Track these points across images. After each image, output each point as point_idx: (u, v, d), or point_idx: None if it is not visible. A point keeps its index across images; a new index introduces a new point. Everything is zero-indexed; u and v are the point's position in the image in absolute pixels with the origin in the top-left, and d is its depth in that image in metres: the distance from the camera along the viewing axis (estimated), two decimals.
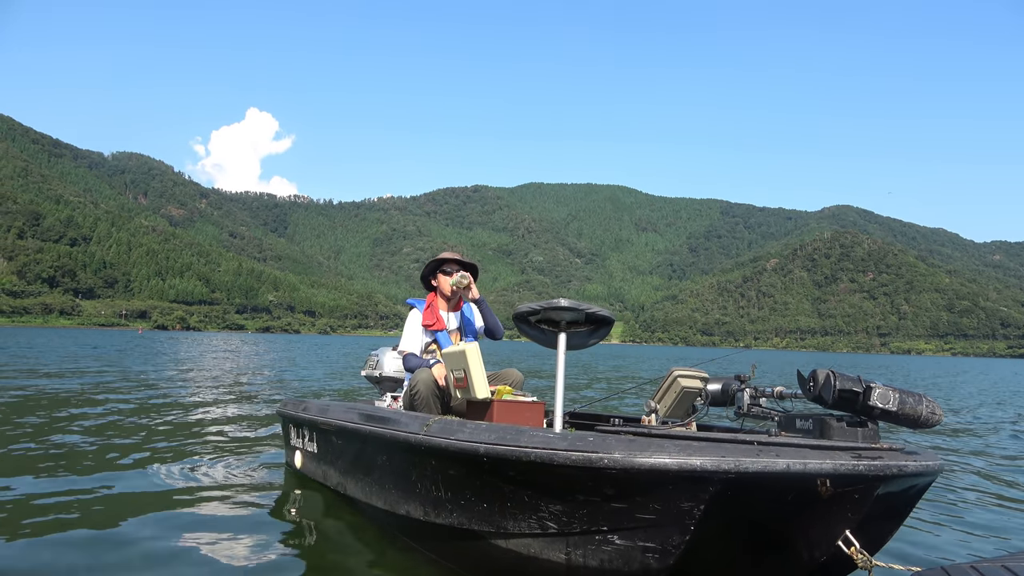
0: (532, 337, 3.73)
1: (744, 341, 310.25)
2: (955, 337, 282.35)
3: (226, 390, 12.81)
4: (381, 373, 5.37)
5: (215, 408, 9.82)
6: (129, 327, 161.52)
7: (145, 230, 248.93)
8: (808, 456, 2.45)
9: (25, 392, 10.98)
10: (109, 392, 11.49)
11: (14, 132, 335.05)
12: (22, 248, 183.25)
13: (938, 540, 4.28)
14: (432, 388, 4.27)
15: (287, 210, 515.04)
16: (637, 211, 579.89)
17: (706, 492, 2.47)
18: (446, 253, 5.00)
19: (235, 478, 5.25)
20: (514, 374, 4.54)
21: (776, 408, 3.41)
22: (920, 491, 2.79)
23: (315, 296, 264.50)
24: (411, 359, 4.69)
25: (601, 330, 3.67)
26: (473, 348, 3.84)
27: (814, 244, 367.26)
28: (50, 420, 7.85)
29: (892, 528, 2.86)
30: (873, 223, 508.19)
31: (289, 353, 36.27)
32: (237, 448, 6.48)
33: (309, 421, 4.84)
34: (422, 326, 4.79)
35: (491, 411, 3.75)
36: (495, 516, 3.00)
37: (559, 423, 3.35)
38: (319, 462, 4.86)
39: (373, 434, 3.75)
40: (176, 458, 5.87)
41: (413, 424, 3.44)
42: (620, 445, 2.56)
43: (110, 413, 8.73)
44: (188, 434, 7.24)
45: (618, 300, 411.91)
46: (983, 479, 6.35)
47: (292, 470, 5.40)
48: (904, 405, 2.65)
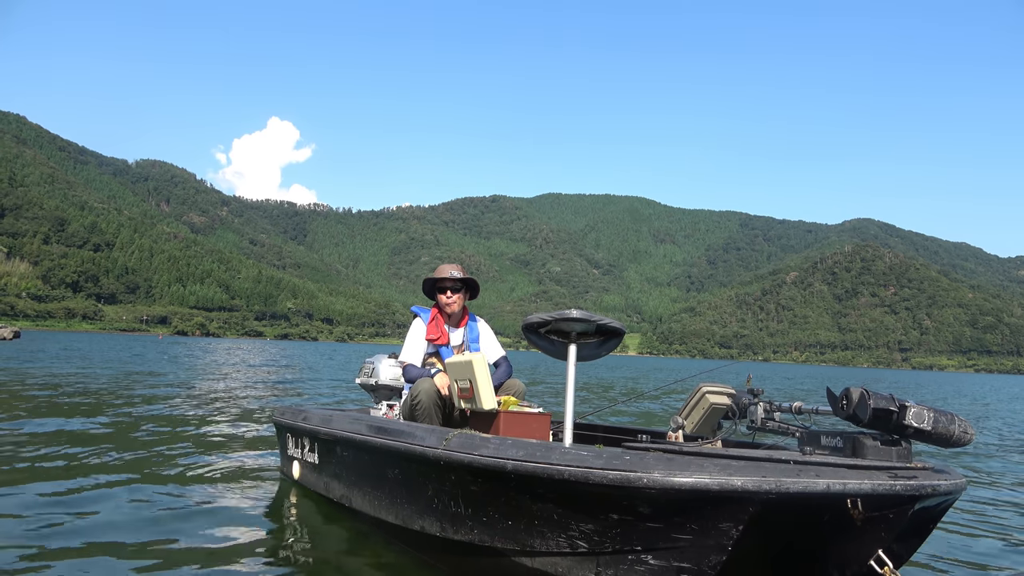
0: (541, 348, 3.68)
1: (763, 355, 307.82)
2: (978, 353, 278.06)
3: (226, 397, 12.76)
4: (377, 381, 5.24)
5: (211, 414, 9.71)
6: (150, 332, 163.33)
7: (167, 237, 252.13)
8: (847, 476, 2.42)
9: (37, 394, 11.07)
10: (116, 397, 11.59)
11: (41, 139, 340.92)
12: (47, 253, 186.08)
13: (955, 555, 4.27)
14: (434, 398, 4.20)
15: (307, 218, 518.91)
16: (655, 222, 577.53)
17: (746, 512, 2.44)
18: (444, 268, 4.82)
19: (228, 489, 5.08)
20: (516, 384, 4.48)
21: (794, 423, 3.32)
22: (945, 509, 2.78)
23: (333, 304, 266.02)
24: (412, 370, 4.60)
25: (611, 342, 3.63)
26: (480, 358, 3.81)
27: (835, 257, 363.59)
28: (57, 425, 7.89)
29: (916, 545, 2.85)
30: (895, 237, 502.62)
31: (298, 360, 36.45)
32: (230, 457, 6.34)
33: (310, 431, 4.69)
34: (425, 339, 4.71)
35: (497, 422, 3.69)
36: (520, 533, 2.93)
37: (569, 436, 3.31)
38: (320, 473, 4.69)
39: (385, 447, 3.63)
40: (169, 465, 5.78)
41: (430, 438, 3.35)
42: (659, 464, 2.52)
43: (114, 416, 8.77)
44: (182, 441, 7.14)
45: (635, 312, 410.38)
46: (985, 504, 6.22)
47: (289, 481, 5.25)
48: (938, 424, 2.63)
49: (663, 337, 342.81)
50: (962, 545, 4.58)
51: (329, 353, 55.87)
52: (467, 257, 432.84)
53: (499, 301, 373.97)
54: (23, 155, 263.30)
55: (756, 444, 3.52)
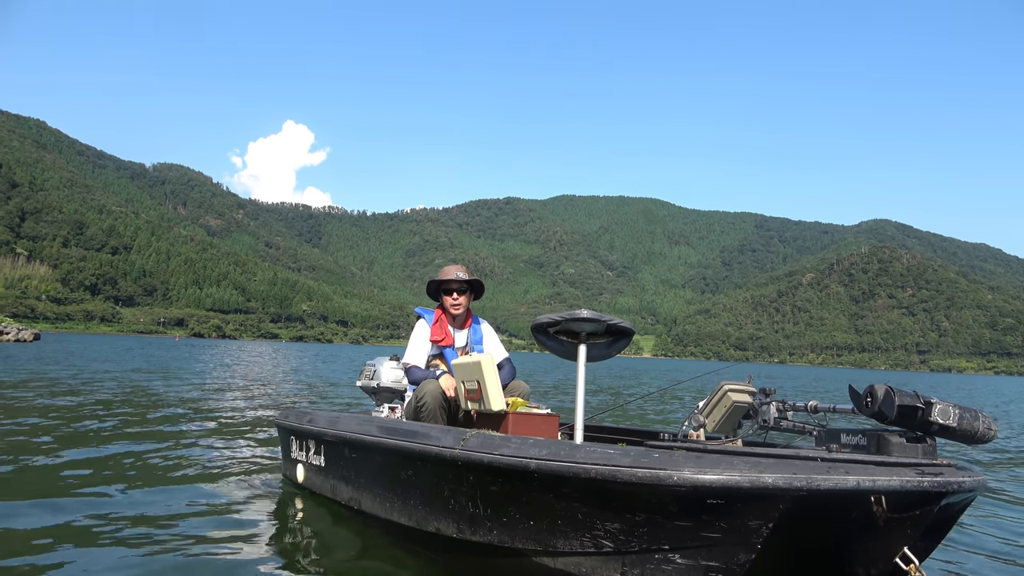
0: (550, 348, 3.66)
1: (779, 356, 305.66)
2: (998, 355, 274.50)
3: (225, 400, 12.73)
4: (379, 383, 5.15)
5: (210, 417, 9.66)
6: (167, 334, 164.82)
7: (183, 240, 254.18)
8: (876, 473, 2.42)
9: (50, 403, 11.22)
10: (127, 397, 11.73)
11: (61, 144, 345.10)
12: (66, 256, 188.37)
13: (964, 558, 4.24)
14: (440, 400, 4.17)
15: (321, 221, 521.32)
16: (670, 224, 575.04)
17: (776, 510, 2.43)
18: (449, 269, 4.78)
19: (230, 492, 4.99)
20: (521, 386, 4.43)
21: (809, 422, 3.30)
22: (966, 506, 2.77)
23: (348, 306, 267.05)
24: (415, 372, 4.55)
25: (620, 342, 3.60)
26: (488, 359, 3.77)
27: (851, 259, 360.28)
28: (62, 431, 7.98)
29: (937, 541, 2.86)
30: (912, 238, 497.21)
31: (306, 362, 36.63)
32: (230, 460, 6.26)
33: (316, 433, 4.62)
34: (429, 340, 4.66)
35: (506, 423, 3.65)
36: (543, 533, 2.90)
37: (579, 436, 3.26)
38: (327, 476, 4.62)
39: (399, 448, 3.58)
40: (166, 468, 5.77)
41: (446, 438, 3.31)
42: (687, 462, 2.51)
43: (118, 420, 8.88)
44: (183, 443, 7.13)
45: (650, 313, 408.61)
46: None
47: (292, 484, 5.17)
48: (963, 421, 2.62)
49: (678, 339, 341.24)
50: (977, 543, 4.56)
51: (333, 356, 55.93)
52: (481, 259, 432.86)
53: (513, 303, 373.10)
54: (43, 159, 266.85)
55: (772, 443, 3.47)
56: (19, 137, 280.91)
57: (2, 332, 41.86)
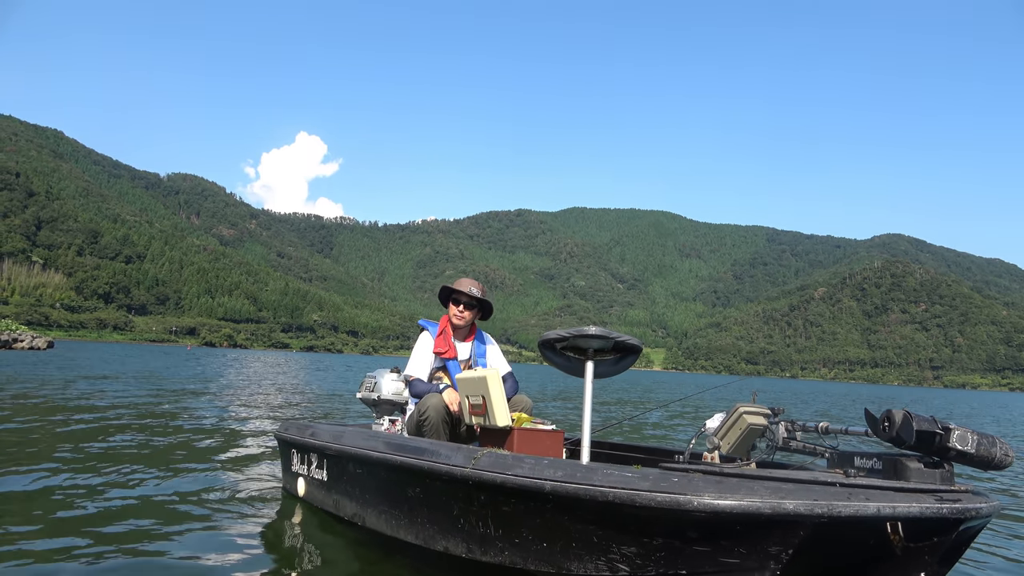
0: (557, 365, 3.63)
1: (791, 371, 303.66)
2: (1013, 372, 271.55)
3: (230, 409, 12.65)
4: (379, 396, 5.08)
5: (212, 426, 9.60)
6: (178, 343, 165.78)
7: (196, 249, 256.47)
8: (896, 500, 2.40)
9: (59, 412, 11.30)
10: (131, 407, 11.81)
11: (77, 153, 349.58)
12: (80, 265, 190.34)
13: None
14: (443, 414, 4.12)
15: (333, 231, 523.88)
16: (681, 237, 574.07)
17: (796, 536, 2.41)
18: (464, 281, 4.73)
19: (229, 506, 4.89)
20: (524, 400, 4.39)
21: (820, 444, 3.31)
22: (979, 531, 2.74)
23: (358, 316, 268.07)
24: (418, 384, 4.50)
25: (628, 359, 3.57)
26: (494, 374, 3.73)
27: (864, 273, 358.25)
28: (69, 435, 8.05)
29: (949, 566, 2.83)
30: (925, 252, 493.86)
31: (310, 373, 36.72)
32: (229, 473, 6.16)
33: (319, 447, 4.54)
34: (433, 352, 4.62)
35: (511, 439, 3.60)
36: (556, 556, 2.85)
37: (586, 454, 3.24)
38: (329, 491, 4.53)
39: (406, 465, 3.52)
40: (170, 475, 5.77)
41: (457, 456, 3.25)
42: (708, 487, 2.47)
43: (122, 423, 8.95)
44: (182, 454, 7.07)
45: (660, 326, 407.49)
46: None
47: (293, 497, 5.09)
48: (980, 447, 2.61)
49: (688, 352, 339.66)
50: (990, 564, 4.54)
51: (334, 366, 56.00)
52: (492, 271, 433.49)
53: (524, 315, 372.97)
54: (60, 169, 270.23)
55: (785, 464, 3.47)
56: (37, 147, 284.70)
57: (16, 340, 42.24)
